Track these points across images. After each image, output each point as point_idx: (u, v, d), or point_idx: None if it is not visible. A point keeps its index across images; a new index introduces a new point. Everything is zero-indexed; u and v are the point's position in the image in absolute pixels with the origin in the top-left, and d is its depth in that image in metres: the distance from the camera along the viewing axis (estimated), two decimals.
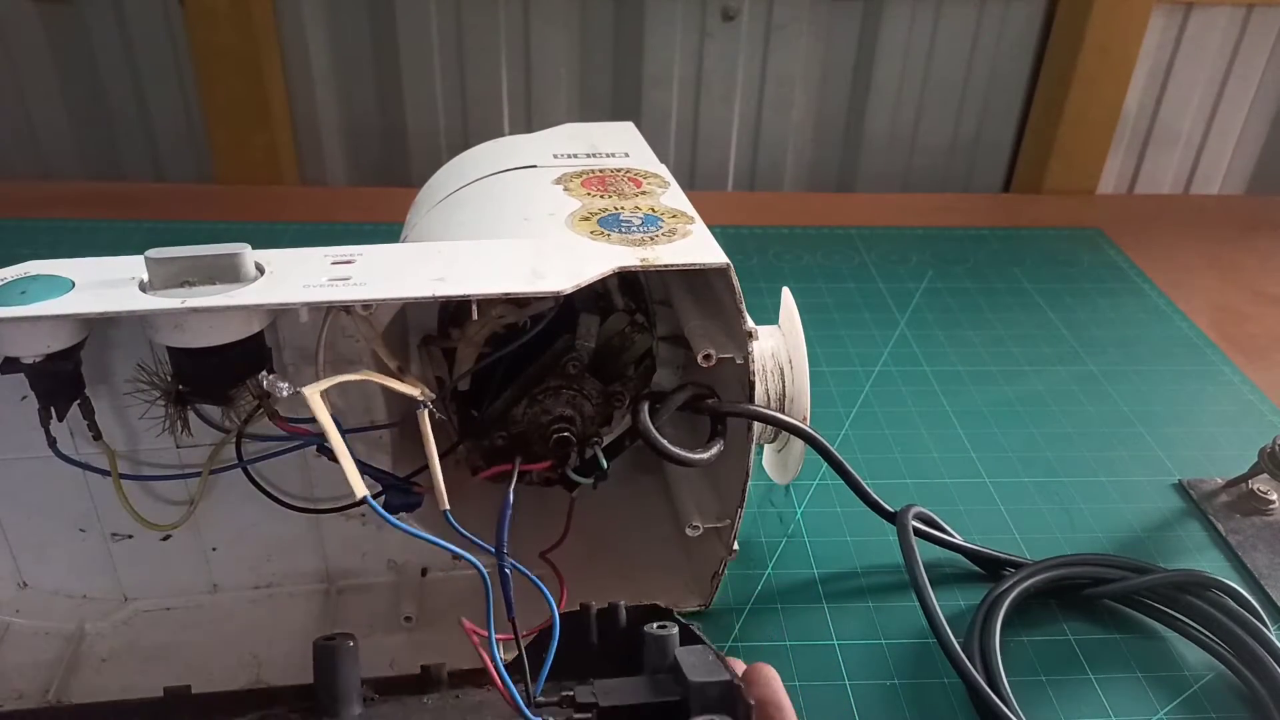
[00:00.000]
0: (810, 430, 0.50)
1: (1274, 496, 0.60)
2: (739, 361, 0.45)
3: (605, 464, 0.49)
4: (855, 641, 0.51)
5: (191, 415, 0.43)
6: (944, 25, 1.05)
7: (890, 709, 0.47)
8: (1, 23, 0.98)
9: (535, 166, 0.56)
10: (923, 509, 0.55)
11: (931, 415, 0.70)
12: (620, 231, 0.45)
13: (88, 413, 0.43)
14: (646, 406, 0.46)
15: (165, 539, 0.49)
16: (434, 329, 0.52)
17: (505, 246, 0.43)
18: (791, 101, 1.08)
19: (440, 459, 0.42)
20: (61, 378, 0.40)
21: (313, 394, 0.36)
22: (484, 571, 0.38)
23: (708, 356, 0.45)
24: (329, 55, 1.03)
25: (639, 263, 0.41)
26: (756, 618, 0.52)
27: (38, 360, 0.38)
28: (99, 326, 0.41)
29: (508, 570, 0.39)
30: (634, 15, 1.02)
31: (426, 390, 0.41)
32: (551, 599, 0.39)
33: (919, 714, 0.47)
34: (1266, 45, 1.09)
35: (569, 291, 0.38)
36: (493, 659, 0.38)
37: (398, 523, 0.37)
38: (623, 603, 0.42)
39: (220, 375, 0.40)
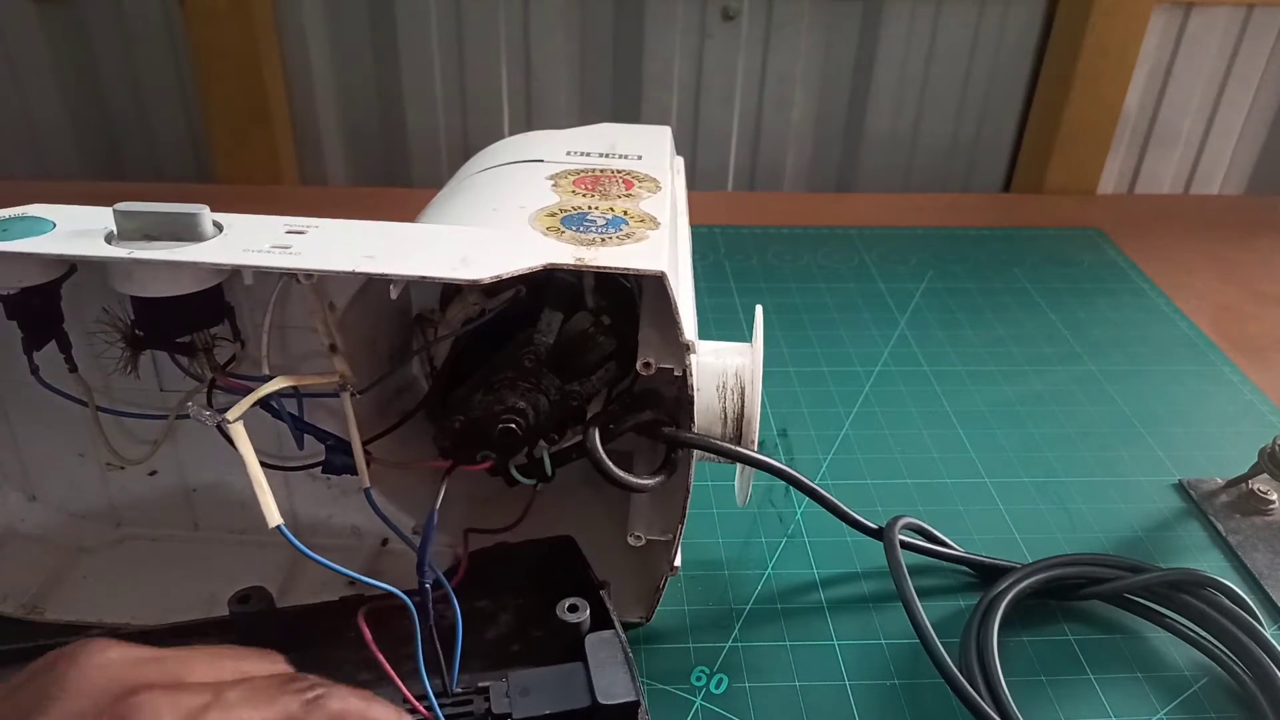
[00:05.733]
0: (769, 460, 0.48)
1: (1274, 496, 0.60)
2: (677, 374, 0.44)
3: (550, 470, 0.49)
4: (855, 642, 0.51)
5: (167, 363, 0.47)
6: (944, 25, 1.05)
7: (890, 709, 0.47)
8: (1, 23, 0.98)
9: (541, 161, 0.56)
10: (912, 519, 0.54)
11: (931, 415, 0.70)
12: (577, 230, 0.45)
13: (64, 347, 0.46)
14: (597, 431, 0.45)
15: (152, 474, 0.53)
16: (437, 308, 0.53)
17: (449, 232, 0.44)
18: (791, 101, 1.08)
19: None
20: (34, 311, 0.44)
21: (237, 428, 0.39)
22: (412, 605, 0.41)
23: (647, 364, 0.44)
24: (329, 55, 1.03)
25: (573, 261, 0.41)
26: (756, 618, 0.52)
27: (13, 293, 0.42)
28: (89, 270, 0.44)
29: (428, 584, 0.42)
30: (634, 15, 1.02)
31: (347, 373, 0.44)
32: (460, 618, 0.42)
33: (918, 714, 0.47)
34: (1266, 45, 1.09)
35: (487, 281, 0.39)
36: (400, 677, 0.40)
37: (311, 553, 0.39)
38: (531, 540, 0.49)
39: (170, 324, 0.43)
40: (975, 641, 0.49)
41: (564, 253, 0.42)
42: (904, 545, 0.52)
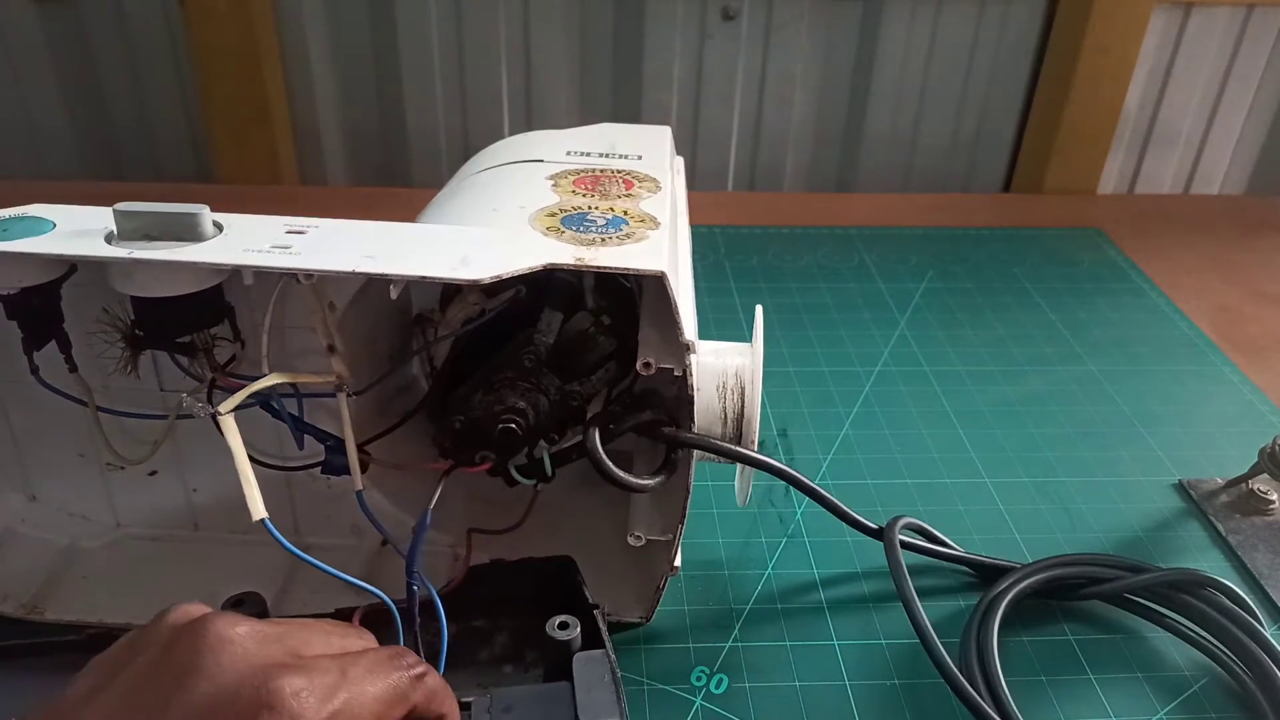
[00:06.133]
0: (769, 460, 0.48)
1: (1274, 496, 0.60)
2: (677, 374, 0.45)
3: (550, 470, 0.49)
4: (855, 642, 0.51)
5: (167, 363, 0.47)
6: (944, 25, 1.05)
7: (890, 709, 0.47)
8: (1, 23, 0.98)
9: (541, 161, 0.56)
10: (912, 519, 0.54)
11: (931, 415, 0.70)
12: (577, 230, 0.45)
13: (64, 347, 0.46)
14: (597, 431, 0.45)
15: (152, 474, 0.53)
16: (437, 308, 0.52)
17: (449, 232, 0.44)
18: (791, 101, 1.08)
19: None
20: (34, 311, 0.44)
21: (227, 421, 0.39)
22: (397, 613, 0.41)
23: (647, 364, 0.44)
24: (329, 55, 1.03)
25: (573, 261, 0.41)
26: (756, 618, 0.52)
27: (13, 293, 0.42)
28: (89, 270, 0.43)
29: (415, 588, 0.43)
30: (634, 15, 1.02)
31: (344, 374, 0.44)
32: (445, 626, 0.42)
33: (918, 714, 0.47)
34: (1266, 45, 1.09)
35: (487, 281, 0.39)
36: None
37: (295, 549, 0.39)
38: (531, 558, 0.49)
39: (170, 324, 0.43)
40: (975, 641, 0.49)
41: (564, 253, 0.42)
42: (904, 545, 0.52)
